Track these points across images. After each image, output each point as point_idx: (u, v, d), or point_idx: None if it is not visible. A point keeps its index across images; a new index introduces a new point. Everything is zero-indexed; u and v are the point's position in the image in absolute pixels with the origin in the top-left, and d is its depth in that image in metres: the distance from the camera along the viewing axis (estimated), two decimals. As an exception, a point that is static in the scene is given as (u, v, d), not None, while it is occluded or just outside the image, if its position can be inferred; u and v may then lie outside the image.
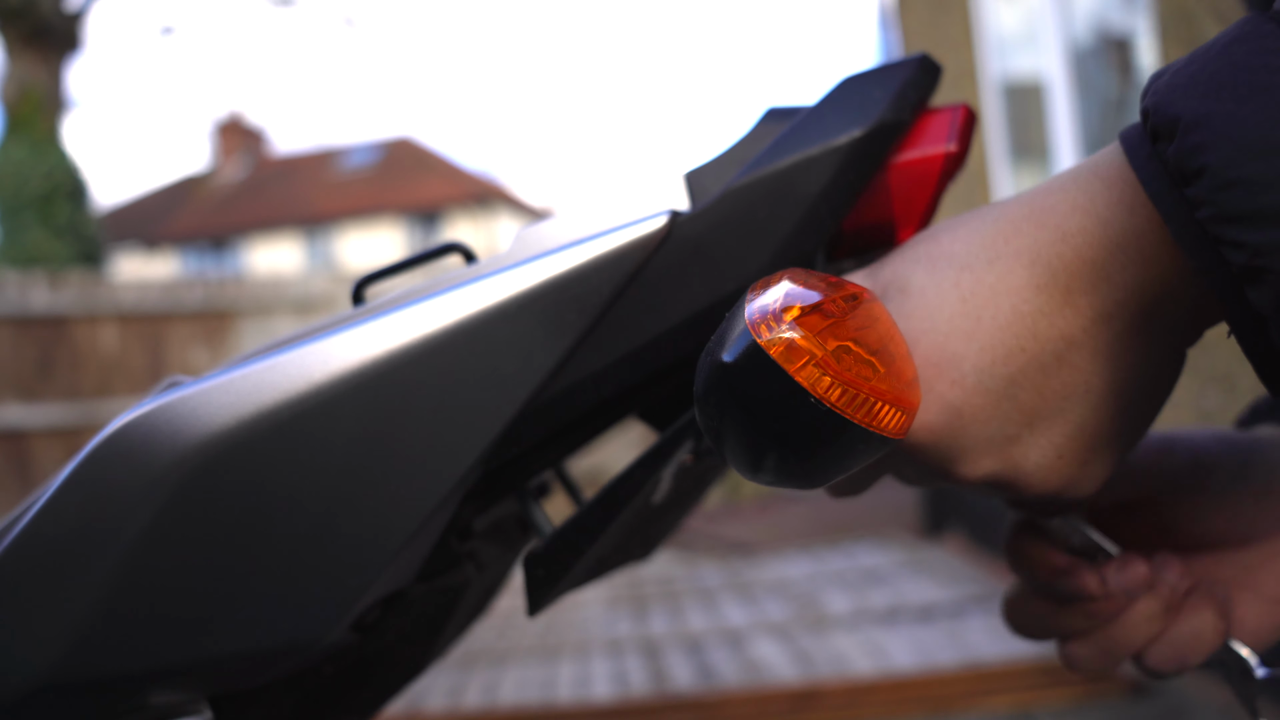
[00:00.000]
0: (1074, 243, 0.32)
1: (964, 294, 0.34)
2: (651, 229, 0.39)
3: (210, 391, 0.38)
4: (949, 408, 0.34)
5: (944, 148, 0.39)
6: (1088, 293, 0.32)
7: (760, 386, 0.29)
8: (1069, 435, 0.33)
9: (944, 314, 0.34)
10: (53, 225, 7.57)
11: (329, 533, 0.38)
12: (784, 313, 0.29)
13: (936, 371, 0.34)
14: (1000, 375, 0.33)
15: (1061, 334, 0.32)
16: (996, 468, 0.34)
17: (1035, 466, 0.34)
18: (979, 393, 0.33)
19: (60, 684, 0.39)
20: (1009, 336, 0.33)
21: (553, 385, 0.39)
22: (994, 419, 0.33)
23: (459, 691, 3.13)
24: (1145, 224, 0.30)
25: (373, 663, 0.52)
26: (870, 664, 2.87)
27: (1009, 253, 0.33)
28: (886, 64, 0.41)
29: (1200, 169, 0.27)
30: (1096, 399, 0.33)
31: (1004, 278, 0.33)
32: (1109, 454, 0.34)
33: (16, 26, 8.09)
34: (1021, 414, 0.33)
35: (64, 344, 5.53)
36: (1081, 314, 0.32)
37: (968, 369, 0.33)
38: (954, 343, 0.33)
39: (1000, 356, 0.33)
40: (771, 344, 0.28)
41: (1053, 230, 0.32)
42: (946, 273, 0.35)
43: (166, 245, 20.59)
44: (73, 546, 0.38)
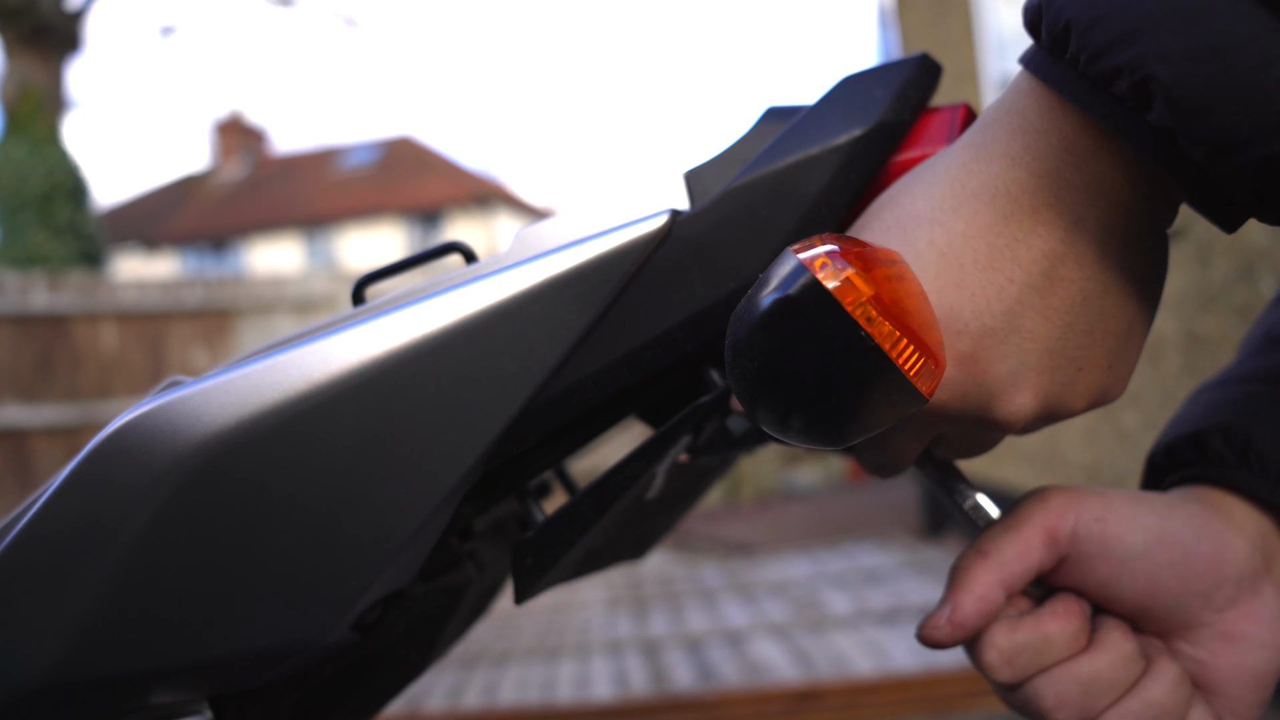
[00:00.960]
0: (1024, 162, 0.33)
1: (940, 248, 0.35)
2: (652, 228, 0.39)
3: (210, 391, 0.38)
4: (962, 357, 0.34)
5: (944, 147, 0.39)
6: (1053, 205, 0.33)
7: (811, 322, 0.29)
8: (1083, 345, 0.34)
9: (929, 273, 0.35)
10: (53, 225, 7.58)
11: (329, 532, 0.38)
12: (839, 254, 0.30)
13: (941, 328, 0.34)
14: (999, 313, 0.34)
15: (1042, 253, 0.33)
16: (1032, 399, 0.35)
17: (1063, 385, 0.35)
18: (985, 335, 0.34)
19: (60, 684, 0.39)
20: (994, 273, 0.34)
21: (553, 385, 0.39)
22: (1009, 354, 0.34)
23: (459, 691, 3.13)
24: (1076, 120, 0.32)
25: (373, 663, 0.52)
26: (870, 664, 2.87)
27: (968, 196, 0.34)
28: (887, 63, 0.41)
29: (1066, 27, 0.29)
30: (1096, 301, 0.34)
31: (972, 220, 0.34)
32: (1126, 352, 0.35)
33: (16, 26, 8.09)
34: (1034, 340, 0.34)
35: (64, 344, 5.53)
36: (1054, 228, 0.33)
37: (967, 316, 0.34)
38: (946, 296, 0.34)
39: (993, 294, 0.34)
40: (827, 278, 0.29)
41: (1000, 160, 0.34)
42: (918, 232, 0.35)
43: (166, 245, 20.60)
44: (73, 546, 0.38)
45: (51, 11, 8.29)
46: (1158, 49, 0.27)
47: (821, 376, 0.29)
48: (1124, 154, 0.31)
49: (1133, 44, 0.27)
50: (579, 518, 0.43)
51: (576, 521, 0.43)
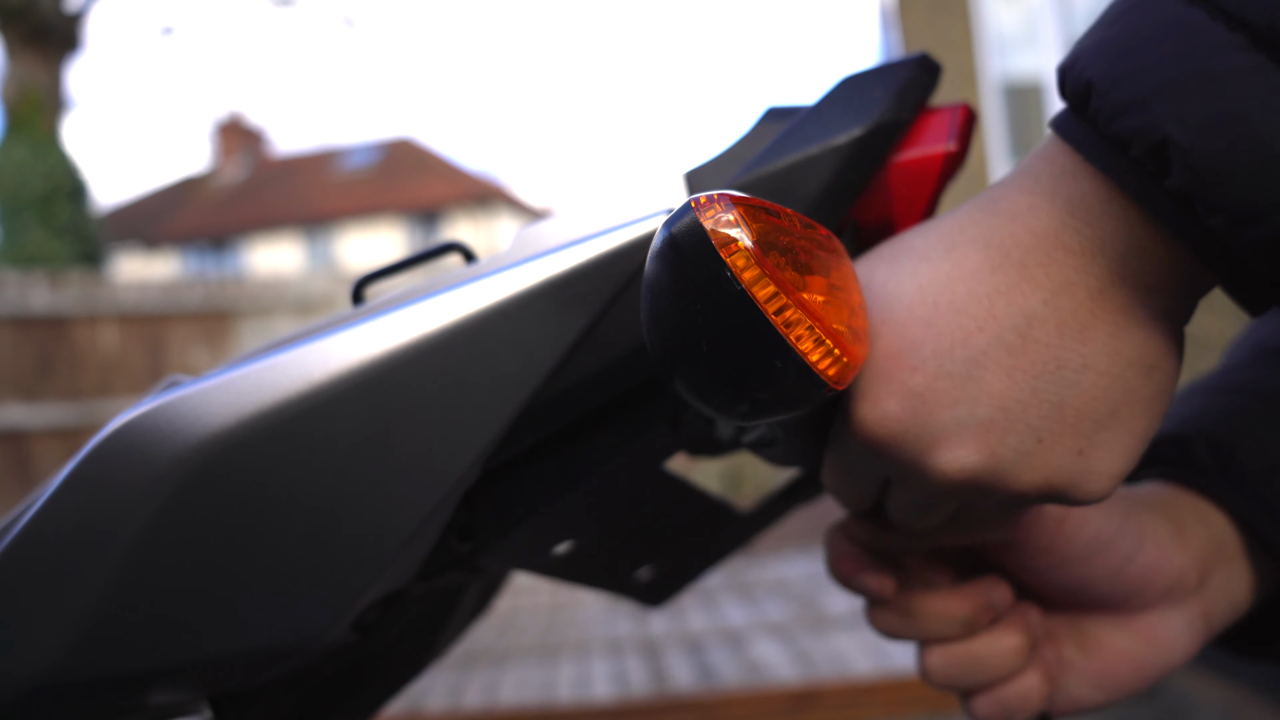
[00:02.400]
0: (1024, 220, 0.32)
1: (921, 283, 0.34)
2: (652, 228, 0.39)
3: (210, 391, 0.38)
4: (911, 394, 0.33)
5: (944, 147, 0.39)
6: (1044, 265, 0.31)
7: (691, 265, 0.28)
8: (1047, 417, 0.32)
9: (902, 303, 0.34)
10: (53, 225, 7.57)
11: (329, 532, 0.38)
12: (732, 200, 0.29)
13: (896, 360, 0.33)
14: (960, 358, 0.32)
15: (1021, 310, 0.31)
16: (972, 455, 0.32)
17: (1015, 453, 0.32)
18: (940, 376, 0.32)
19: (60, 684, 0.39)
20: (966, 318, 0.32)
21: (553, 385, 0.39)
22: (960, 402, 0.32)
23: (459, 691, 3.13)
24: (1088, 182, 0.30)
25: (373, 662, 0.52)
26: (870, 664, 2.87)
27: (964, 241, 0.34)
28: (886, 63, 0.41)
29: (1087, 87, 0.28)
30: (1072, 375, 0.31)
31: (959, 264, 0.33)
32: (1105, 443, 0.32)
33: (16, 26, 8.09)
34: (990, 397, 0.32)
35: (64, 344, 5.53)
36: (1040, 287, 0.31)
37: (927, 354, 0.33)
38: (912, 330, 0.33)
39: (959, 339, 0.32)
40: (709, 217, 0.28)
41: (1004, 213, 0.33)
42: (905, 264, 0.35)
43: (166, 245, 20.59)
44: (72, 546, 0.38)
45: (51, 12, 8.28)
46: (1177, 113, 0.26)
47: (702, 328, 0.28)
48: (1134, 223, 0.30)
49: (1152, 107, 0.27)
50: (542, 481, 0.42)
51: (539, 485, 0.42)
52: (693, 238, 0.28)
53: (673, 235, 0.28)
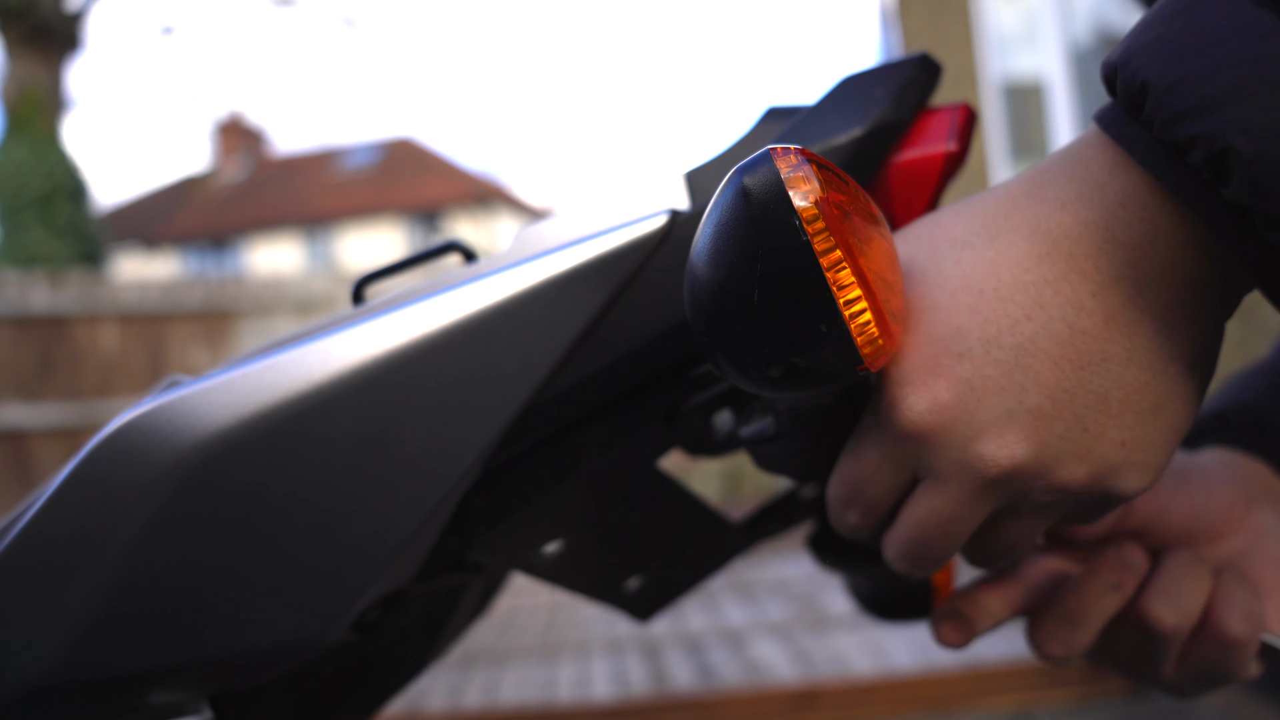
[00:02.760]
0: (1074, 209, 0.31)
1: (964, 270, 0.33)
2: (651, 228, 0.39)
3: (210, 391, 0.38)
4: (959, 382, 0.32)
5: (944, 147, 0.39)
6: (1093, 256, 0.31)
7: (760, 210, 0.28)
8: (1093, 408, 0.31)
9: (945, 290, 0.33)
10: (53, 225, 7.58)
11: (329, 532, 0.38)
12: (808, 156, 0.29)
13: (942, 347, 0.32)
14: (1008, 345, 0.32)
15: (1069, 300, 0.31)
16: (1022, 444, 0.32)
17: (1063, 442, 0.32)
18: (988, 364, 0.32)
19: (60, 684, 0.39)
20: (1012, 306, 0.32)
21: (552, 385, 0.39)
22: (1008, 389, 0.32)
23: (459, 691, 3.13)
24: (1140, 179, 0.30)
25: (373, 662, 0.52)
26: (870, 664, 2.87)
27: (1009, 227, 0.33)
28: (886, 63, 0.41)
29: (1142, 87, 0.27)
30: (1117, 368, 0.31)
31: (1004, 251, 0.32)
32: (1146, 436, 0.32)
33: (16, 26, 8.09)
34: (1039, 385, 0.31)
35: (64, 344, 5.53)
36: (1088, 278, 0.31)
37: (973, 341, 0.32)
38: (957, 317, 0.33)
39: (1005, 326, 0.32)
40: (785, 165, 0.28)
41: (1051, 200, 0.32)
42: (947, 252, 0.34)
43: (167, 245, 20.58)
44: (72, 546, 0.38)
45: (51, 12, 8.28)
46: (1240, 120, 0.25)
47: (758, 276, 0.28)
48: (1186, 224, 0.29)
49: (1213, 113, 0.25)
50: (535, 470, 0.42)
51: (532, 474, 0.42)
52: (767, 183, 0.28)
53: (745, 179, 0.28)
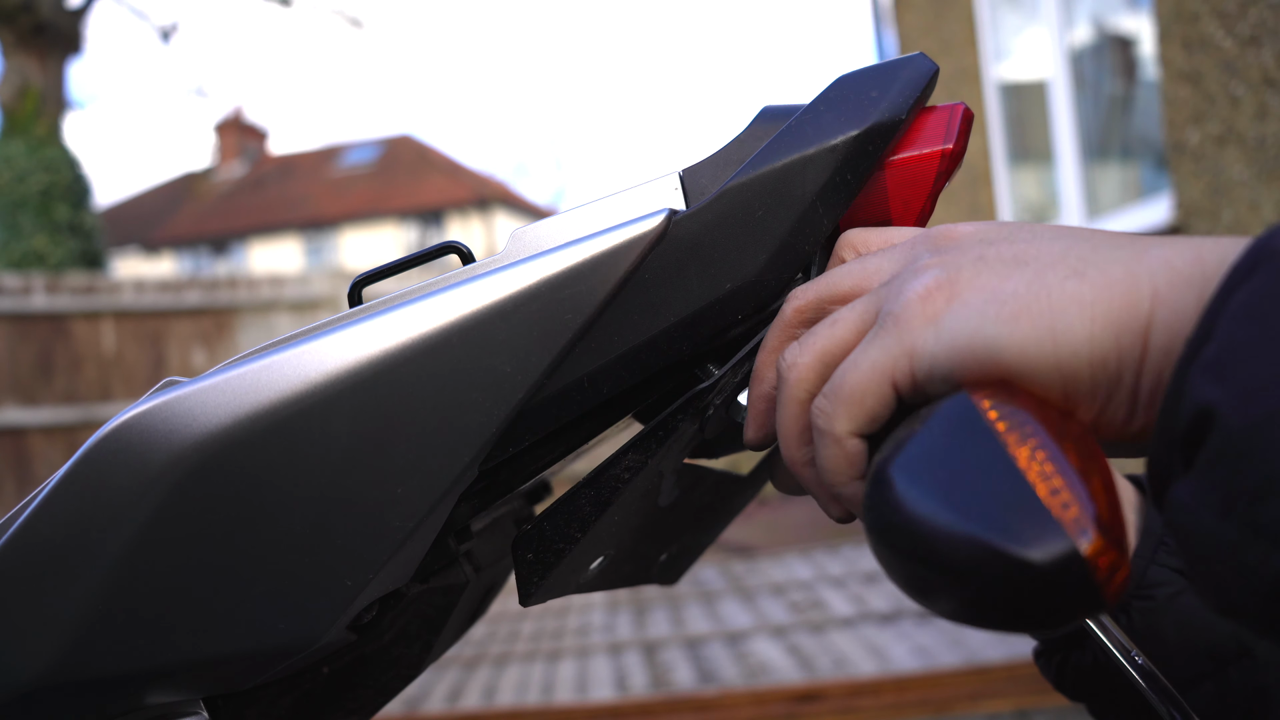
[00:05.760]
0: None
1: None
2: (648, 228, 0.39)
3: (206, 391, 0.38)
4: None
5: (941, 146, 0.39)
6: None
7: (1053, 583, 0.26)
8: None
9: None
10: (52, 225, 7.58)
11: (325, 532, 0.38)
12: (1099, 520, 0.27)
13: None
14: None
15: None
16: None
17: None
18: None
19: (56, 684, 0.39)
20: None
21: (549, 385, 0.39)
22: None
23: (459, 692, 3.13)
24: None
25: (370, 663, 0.52)
26: (871, 666, 2.87)
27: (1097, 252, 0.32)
28: (883, 62, 0.41)
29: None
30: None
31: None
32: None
33: (16, 25, 8.09)
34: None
35: (63, 344, 5.53)
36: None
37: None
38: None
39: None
40: (1096, 558, 0.26)
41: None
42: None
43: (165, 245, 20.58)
44: (69, 546, 0.38)
45: (51, 11, 8.28)
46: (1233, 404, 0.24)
47: (1027, 615, 0.27)
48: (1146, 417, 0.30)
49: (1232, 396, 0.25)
50: (577, 512, 0.42)
51: (575, 516, 0.42)
52: (1068, 576, 0.26)
53: (1035, 565, 0.26)
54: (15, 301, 5.32)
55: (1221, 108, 2.83)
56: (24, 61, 8.21)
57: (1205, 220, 2.93)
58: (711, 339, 0.40)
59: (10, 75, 8.19)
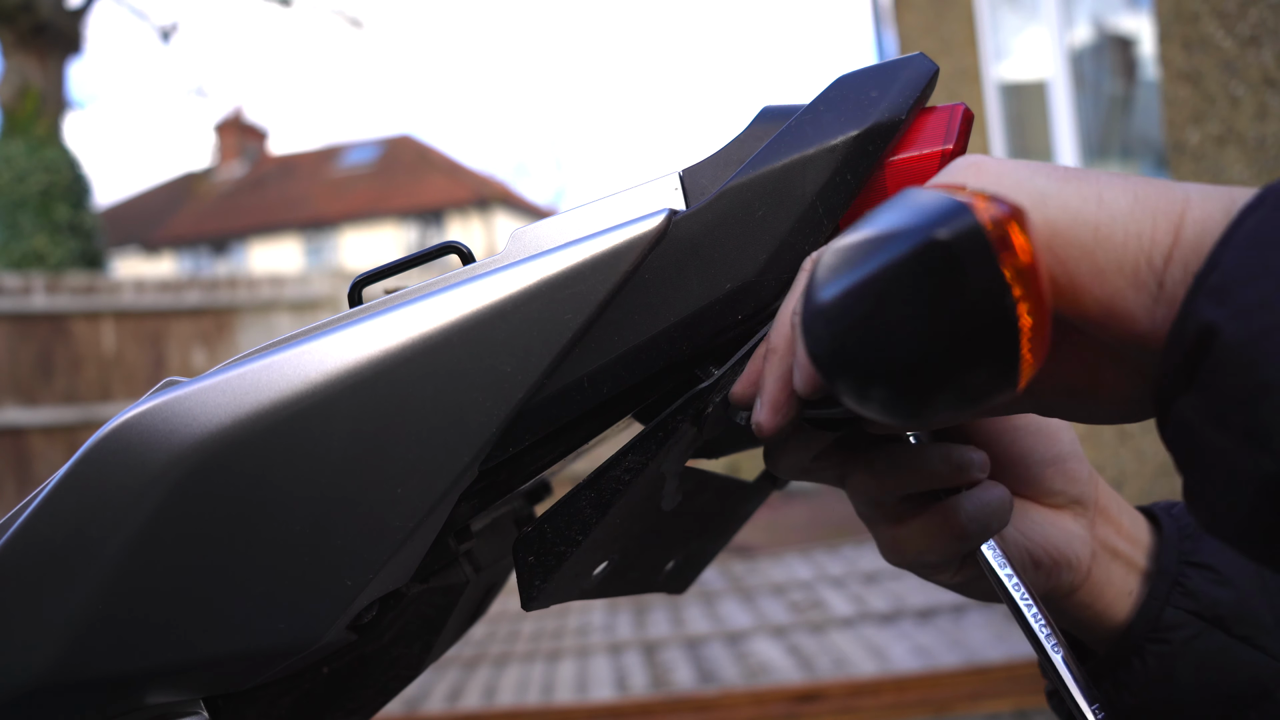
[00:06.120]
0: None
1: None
2: (648, 228, 0.39)
3: (206, 391, 0.38)
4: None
5: (941, 147, 0.39)
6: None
7: (951, 274, 0.26)
8: None
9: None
10: (52, 225, 7.58)
11: (325, 532, 0.38)
12: (1006, 208, 0.27)
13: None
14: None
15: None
16: None
17: None
18: None
19: (56, 684, 0.39)
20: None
21: (549, 385, 0.39)
22: None
23: (459, 692, 3.13)
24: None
25: (370, 663, 0.52)
26: (871, 666, 2.87)
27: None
28: (883, 63, 0.41)
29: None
30: None
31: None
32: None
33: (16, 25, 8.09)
34: None
35: (63, 344, 5.53)
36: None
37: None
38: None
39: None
40: (990, 222, 0.26)
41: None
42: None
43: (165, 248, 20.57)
44: (68, 546, 0.38)
45: (51, 11, 8.28)
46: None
47: (931, 339, 0.27)
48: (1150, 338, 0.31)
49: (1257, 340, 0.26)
50: (578, 514, 0.42)
51: (576, 518, 0.42)
52: (971, 245, 0.26)
53: (940, 241, 0.26)
54: (15, 301, 5.32)
55: (1221, 108, 2.83)
56: (24, 61, 8.21)
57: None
58: (711, 339, 0.40)
59: (10, 75, 8.19)
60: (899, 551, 0.43)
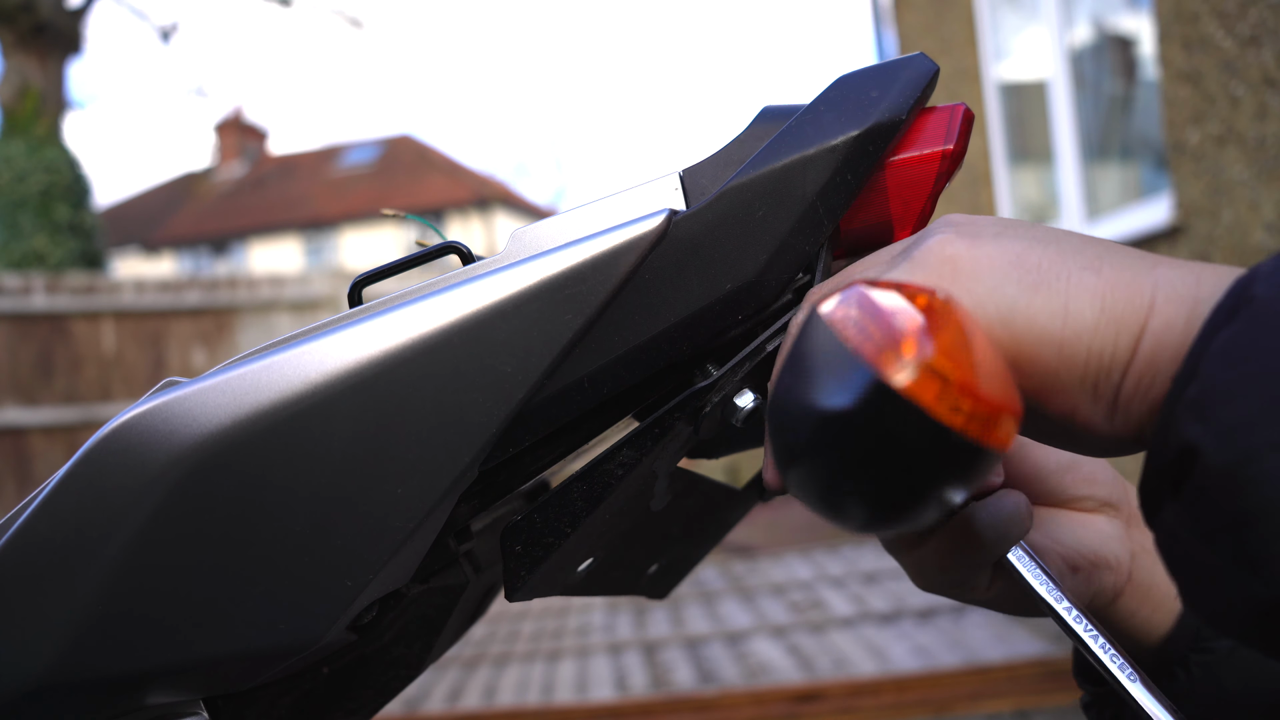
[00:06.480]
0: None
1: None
2: (648, 228, 0.39)
3: (206, 391, 0.38)
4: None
5: (941, 146, 0.39)
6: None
7: (889, 429, 0.27)
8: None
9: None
10: (52, 225, 7.57)
11: (325, 532, 0.38)
12: (901, 338, 0.27)
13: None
14: None
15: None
16: None
17: None
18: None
19: (56, 684, 0.39)
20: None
21: (549, 385, 0.39)
22: None
23: (459, 692, 3.13)
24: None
25: (370, 663, 0.52)
26: (871, 666, 2.87)
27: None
28: (883, 63, 0.41)
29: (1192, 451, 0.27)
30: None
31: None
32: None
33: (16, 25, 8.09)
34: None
35: (63, 344, 5.53)
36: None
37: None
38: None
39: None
40: (902, 379, 0.26)
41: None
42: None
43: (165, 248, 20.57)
44: (68, 547, 0.38)
45: (51, 11, 8.28)
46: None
47: (893, 474, 0.28)
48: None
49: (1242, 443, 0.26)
50: (569, 506, 0.42)
51: (567, 510, 0.42)
52: (889, 407, 0.27)
53: (855, 411, 0.27)
54: (15, 301, 5.32)
55: (1221, 108, 2.83)
56: (24, 61, 8.21)
57: (1205, 220, 2.93)
58: (712, 339, 0.40)
59: (10, 75, 8.19)
60: (925, 574, 0.42)
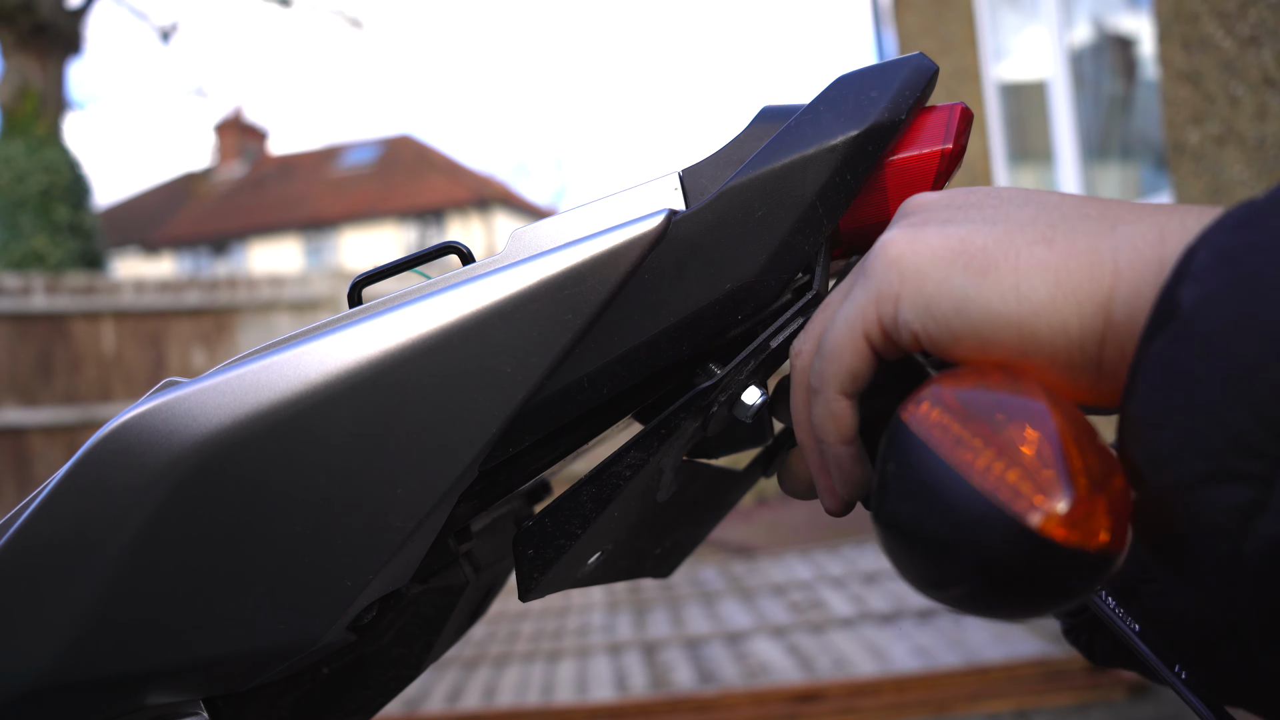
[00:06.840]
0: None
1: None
2: (648, 228, 0.39)
3: (206, 391, 0.38)
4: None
5: (940, 146, 0.40)
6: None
7: (1031, 565, 0.27)
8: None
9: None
10: (52, 225, 7.57)
11: (325, 533, 0.38)
12: (1040, 474, 0.27)
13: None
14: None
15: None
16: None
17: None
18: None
19: (55, 685, 0.39)
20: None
21: (549, 385, 0.39)
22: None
23: (459, 692, 3.13)
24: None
25: (370, 663, 0.52)
26: (871, 666, 2.87)
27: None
28: (883, 63, 0.41)
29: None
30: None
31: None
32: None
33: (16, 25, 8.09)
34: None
35: (63, 344, 5.53)
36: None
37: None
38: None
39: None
40: (1056, 528, 0.27)
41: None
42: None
43: (165, 248, 20.57)
44: (68, 547, 0.38)
45: (51, 11, 8.28)
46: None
47: (1033, 600, 0.28)
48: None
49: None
50: (578, 508, 0.42)
51: (576, 512, 0.42)
52: (1039, 552, 0.27)
53: (1006, 560, 0.27)
54: (15, 301, 5.32)
55: (1221, 108, 2.83)
56: (24, 61, 8.21)
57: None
58: (712, 339, 0.40)
59: (10, 75, 8.19)
60: None
